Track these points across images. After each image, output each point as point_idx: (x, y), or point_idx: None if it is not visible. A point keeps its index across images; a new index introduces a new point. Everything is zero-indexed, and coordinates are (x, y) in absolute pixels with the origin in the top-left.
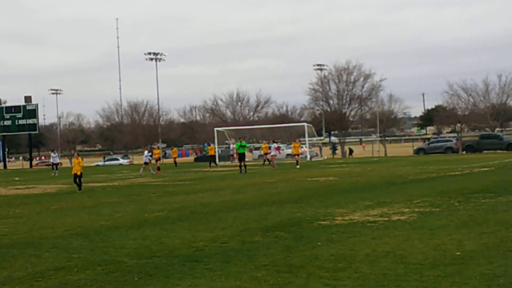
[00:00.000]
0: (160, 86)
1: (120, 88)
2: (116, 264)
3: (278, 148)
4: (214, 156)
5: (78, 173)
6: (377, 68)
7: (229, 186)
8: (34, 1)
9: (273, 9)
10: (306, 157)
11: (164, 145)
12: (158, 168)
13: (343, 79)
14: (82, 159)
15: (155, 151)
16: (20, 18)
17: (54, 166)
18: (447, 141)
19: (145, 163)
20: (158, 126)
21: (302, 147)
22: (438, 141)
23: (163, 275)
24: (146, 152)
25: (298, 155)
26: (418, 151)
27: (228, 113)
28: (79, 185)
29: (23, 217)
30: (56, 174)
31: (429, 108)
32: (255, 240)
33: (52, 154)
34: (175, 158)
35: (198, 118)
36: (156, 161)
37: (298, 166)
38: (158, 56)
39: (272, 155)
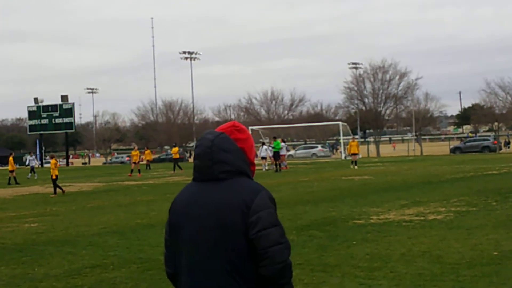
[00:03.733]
0: (195, 86)
1: (155, 87)
2: (151, 262)
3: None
4: (178, 159)
5: (53, 177)
6: (412, 67)
7: (264, 185)
8: (72, 2)
9: (308, 9)
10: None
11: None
12: (138, 171)
13: (378, 78)
14: (57, 161)
15: (133, 153)
16: (58, 20)
17: (32, 169)
18: (483, 140)
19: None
20: (192, 125)
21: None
22: (475, 140)
23: None
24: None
25: (355, 154)
26: (454, 150)
27: (263, 112)
28: (56, 188)
29: (60, 215)
30: (35, 177)
31: (466, 106)
32: (290, 239)
33: (29, 157)
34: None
35: (232, 116)
36: (134, 163)
37: (356, 167)
38: (193, 55)
39: (281, 155)
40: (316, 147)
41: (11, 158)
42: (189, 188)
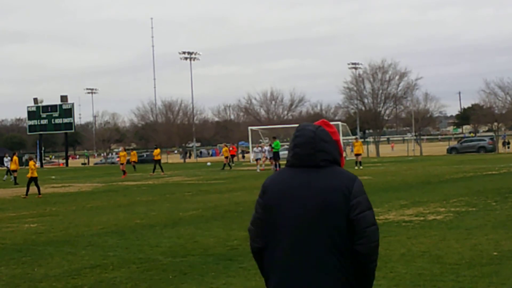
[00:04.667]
0: (195, 86)
1: (154, 88)
2: (151, 262)
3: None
4: (159, 160)
5: (29, 176)
6: (412, 67)
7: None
8: (72, 3)
9: (308, 9)
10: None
11: (199, 144)
12: (123, 172)
13: (378, 78)
14: (35, 163)
15: (120, 154)
16: (58, 20)
17: (9, 171)
18: (480, 140)
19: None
20: (192, 125)
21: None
22: (471, 140)
23: (197, 274)
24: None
25: (359, 154)
26: (451, 150)
27: (262, 112)
28: (29, 189)
29: (60, 215)
30: (11, 179)
31: (466, 107)
32: None
33: (5, 159)
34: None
35: (232, 117)
36: (122, 164)
37: (361, 167)
38: (193, 56)
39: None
40: None
41: (15, 158)
42: (285, 173)
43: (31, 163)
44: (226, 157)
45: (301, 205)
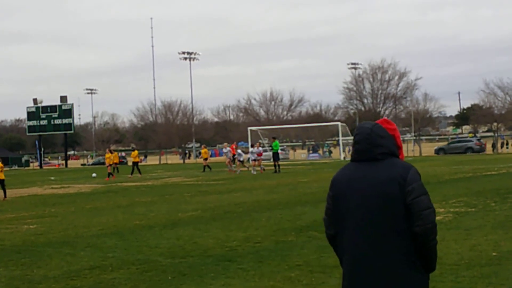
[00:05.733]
0: (195, 86)
1: (154, 88)
2: (150, 263)
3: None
4: (137, 162)
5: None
6: (412, 67)
7: (263, 186)
8: (72, 3)
9: (308, 10)
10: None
11: (198, 144)
12: (108, 174)
13: (377, 78)
14: (3, 166)
15: (106, 155)
16: (58, 20)
17: None
18: (467, 141)
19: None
20: (191, 125)
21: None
22: (458, 141)
23: (197, 275)
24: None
25: None
26: (438, 151)
27: (262, 112)
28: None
29: (59, 216)
30: None
31: (465, 107)
32: (289, 240)
33: None
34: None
35: (231, 117)
36: (108, 166)
37: None
38: (192, 56)
39: (253, 160)
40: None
41: None
42: (350, 167)
43: None
44: (205, 159)
45: (362, 195)
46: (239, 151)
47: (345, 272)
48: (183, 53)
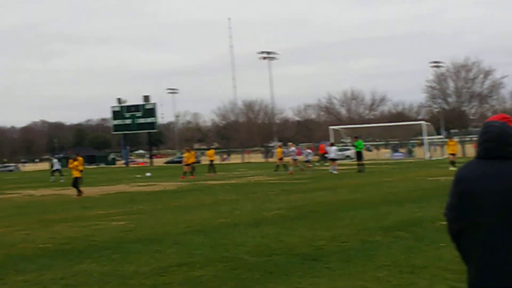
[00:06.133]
0: (275, 85)
1: (234, 87)
2: (236, 261)
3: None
4: (213, 161)
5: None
6: (497, 65)
7: (346, 185)
8: (152, 6)
9: (388, 8)
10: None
11: (280, 143)
12: (184, 173)
13: (461, 76)
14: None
15: (185, 154)
16: (139, 23)
17: (52, 172)
18: None
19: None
20: (273, 124)
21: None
22: None
23: (283, 273)
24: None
25: (454, 154)
26: None
27: (343, 111)
28: None
29: (146, 213)
30: (61, 180)
31: None
32: (375, 239)
33: (54, 160)
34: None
35: (312, 116)
36: (185, 165)
37: (454, 168)
38: (271, 55)
39: (293, 160)
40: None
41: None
42: (475, 164)
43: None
44: (280, 159)
45: (492, 191)
46: (308, 150)
47: (474, 269)
48: (262, 52)
